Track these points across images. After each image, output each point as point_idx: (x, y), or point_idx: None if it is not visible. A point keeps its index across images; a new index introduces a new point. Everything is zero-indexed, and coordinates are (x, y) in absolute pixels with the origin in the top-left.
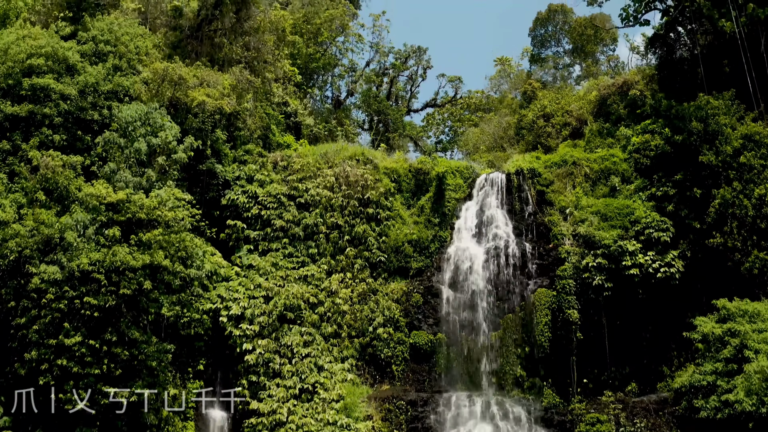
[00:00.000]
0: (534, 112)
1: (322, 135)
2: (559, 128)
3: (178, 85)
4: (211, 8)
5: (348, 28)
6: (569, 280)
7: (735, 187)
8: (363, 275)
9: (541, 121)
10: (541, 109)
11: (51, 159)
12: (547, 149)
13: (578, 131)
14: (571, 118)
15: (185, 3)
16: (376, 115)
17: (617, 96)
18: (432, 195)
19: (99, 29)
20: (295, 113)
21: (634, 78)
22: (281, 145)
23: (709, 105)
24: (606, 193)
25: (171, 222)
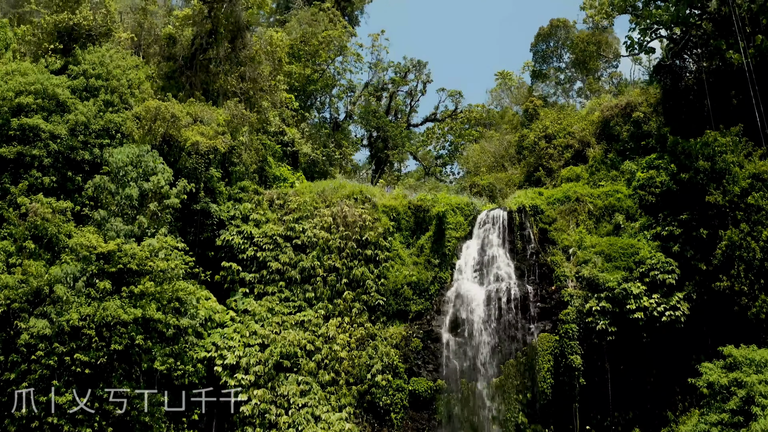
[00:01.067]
0: (535, 132)
1: (320, 160)
2: (561, 150)
3: (171, 124)
4: (206, 36)
5: (346, 49)
6: (572, 324)
7: (742, 229)
8: (361, 319)
9: (542, 143)
10: (542, 130)
11: (40, 205)
12: (549, 171)
13: (581, 153)
14: (574, 140)
15: (179, 32)
16: (375, 131)
17: (620, 118)
18: (432, 234)
19: (90, 62)
20: (292, 142)
21: (637, 99)
22: (278, 177)
23: (717, 142)
24: (610, 231)
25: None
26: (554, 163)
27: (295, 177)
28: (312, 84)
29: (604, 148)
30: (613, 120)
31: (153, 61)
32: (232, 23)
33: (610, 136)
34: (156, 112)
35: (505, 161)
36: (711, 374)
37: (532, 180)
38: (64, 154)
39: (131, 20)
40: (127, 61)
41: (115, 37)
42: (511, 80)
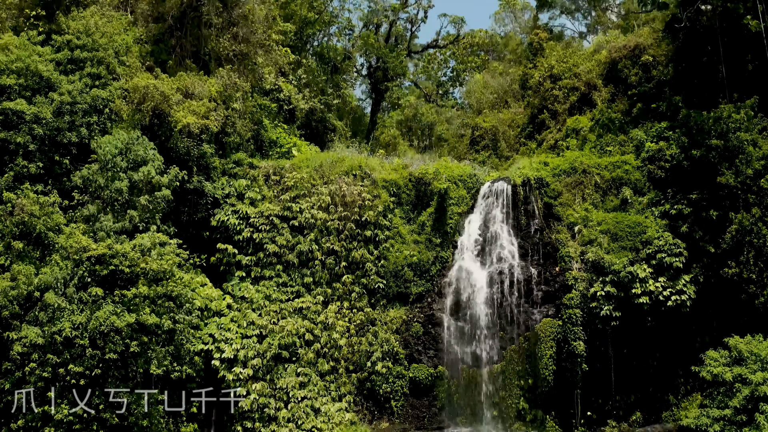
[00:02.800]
0: (540, 72)
1: (318, 108)
2: (566, 92)
3: (160, 102)
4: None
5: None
6: (576, 309)
7: (754, 214)
8: (361, 303)
9: (547, 83)
10: (547, 69)
11: (27, 201)
12: (554, 114)
13: (587, 97)
14: (580, 83)
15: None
16: (375, 61)
17: (628, 60)
18: (433, 211)
19: (75, 31)
20: (288, 99)
21: (647, 41)
22: (274, 142)
23: (731, 119)
24: (617, 205)
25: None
26: (559, 106)
27: (292, 141)
28: (309, 26)
29: (611, 91)
30: (621, 62)
31: (141, 20)
32: None
33: (617, 79)
34: (145, 92)
35: (508, 97)
36: (715, 366)
37: (536, 122)
38: (50, 137)
39: None
40: (114, 25)
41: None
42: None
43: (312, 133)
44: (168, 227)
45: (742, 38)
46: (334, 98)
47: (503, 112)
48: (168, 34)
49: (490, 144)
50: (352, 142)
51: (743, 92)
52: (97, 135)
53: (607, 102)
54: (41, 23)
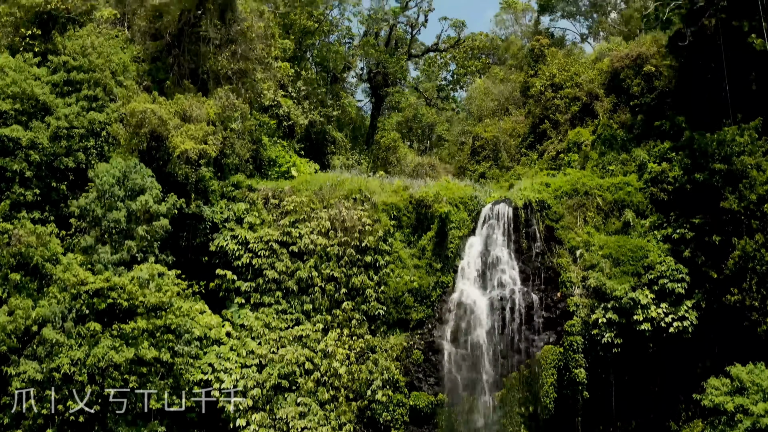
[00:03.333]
0: (542, 80)
1: (318, 121)
2: (568, 102)
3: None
4: (194, 9)
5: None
6: (577, 336)
7: (757, 240)
8: (361, 330)
9: (549, 92)
10: (549, 78)
11: (24, 232)
12: (555, 124)
13: (589, 107)
14: (581, 92)
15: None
16: (375, 65)
17: (631, 70)
18: (434, 235)
19: (71, 52)
20: (287, 115)
21: (649, 50)
22: (273, 161)
23: (735, 142)
24: (619, 228)
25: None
26: (561, 116)
27: (291, 161)
28: (309, 36)
29: (613, 102)
30: (623, 72)
31: (139, 37)
32: None
33: (619, 89)
34: (142, 117)
35: (509, 104)
36: (717, 395)
37: (538, 132)
38: (47, 163)
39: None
40: (111, 44)
41: (96, 16)
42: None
43: (312, 145)
44: (166, 256)
45: (746, 57)
46: (334, 109)
47: (504, 119)
48: (166, 51)
49: (491, 154)
50: (351, 153)
51: (747, 112)
52: (95, 159)
53: (609, 112)
54: (37, 42)
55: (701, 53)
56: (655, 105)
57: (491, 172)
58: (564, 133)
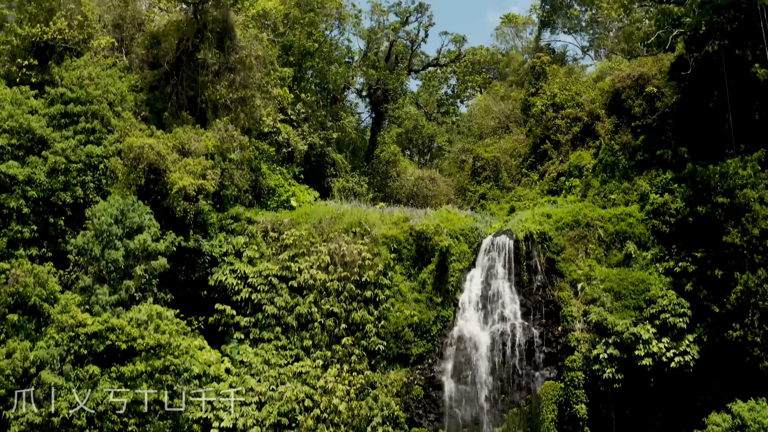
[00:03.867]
0: (542, 100)
1: (318, 144)
2: (569, 122)
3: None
4: (192, 38)
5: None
6: (578, 372)
7: (760, 275)
8: (361, 366)
9: (550, 112)
10: (550, 98)
11: (21, 271)
12: (556, 144)
13: (590, 128)
14: (583, 113)
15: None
16: (375, 82)
17: (632, 90)
18: (434, 268)
19: (68, 83)
20: (287, 142)
21: (650, 71)
22: (272, 190)
23: (737, 175)
24: (620, 260)
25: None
26: (562, 136)
27: (291, 191)
28: (309, 59)
29: (614, 122)
30: (624, 92)
31: (137, 64)
32: (219, 21)
33: (621, 109)
34: (140, 152)
35: (510, 122)
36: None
37: (539, 152)
38: (45, 198)
39: (112, 15)
40: (108, 74)
41: (93, 45)
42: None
43: (311, 167)
44: (165, 294)
45: (749, 86)
46: (334, 131)
47: (505, 138)
48: (164, 80)
49: (492, 175)
50: (351, 175)
51: (750, 142)
52: (92, 193)
53: (611, 133)
54: (34, 73)
55: (704, 80)
56: (657, 126)
57: (492, 193)
58: (565, 154)
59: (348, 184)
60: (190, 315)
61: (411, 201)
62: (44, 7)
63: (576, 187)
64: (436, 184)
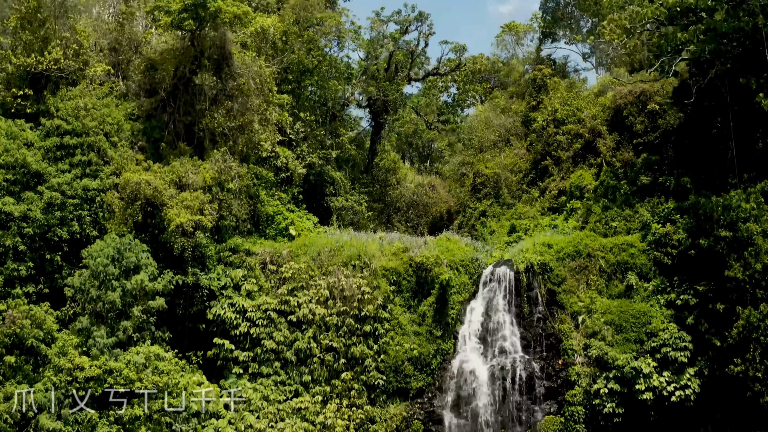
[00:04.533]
0: (543, 115)
1: (317, 164)
2: (570, 139)
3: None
4: (189, 64)
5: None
6: (579, 407)
7: (762, 310)
8: (360, 401)
9: (551, 128)
10: (551, 113)
11: (17, 313)
12: (557, 161)
13: (591, 144)
14: (584, 129)
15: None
16: (374, 93)
17: (634, 107)
18: (434, 300)
19: (64, 114)
20: (285, 166)
21: (653, 88)
22: (271, 217)
23: (741, 208)
24: (621, 291)
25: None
26: (563, 153)
27: (290, 219)
28: (308, 76)
29: (616, 139)
30: (626, 109)
31: (134, 89)
32: (217, 47)
33: (622, 126)
34: (137, 189)
35: (510, 135)
36: None
37: (539, 168)
38: (41, 234)
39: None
40: (104, 103)
41: (89, 74)
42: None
43: (310, 187)
44: (163, 332)
45: (753, 114)
46: (333, 149)
47: (506, 151)
48: (161, 108)
49: (492, 192)
50: (351, 194)
51: (754, 170)
52: (89, 227)
53: (612, 150)
54: (29, 103)
55: (707, 107)
56: (659, 143)
57: (492, 210)
58: (566, 171)
59: (347, 203)
60: (189, 349)
61: (411, 210)
62: (39, 36)
63: (577, 210)
64: (436, 191)
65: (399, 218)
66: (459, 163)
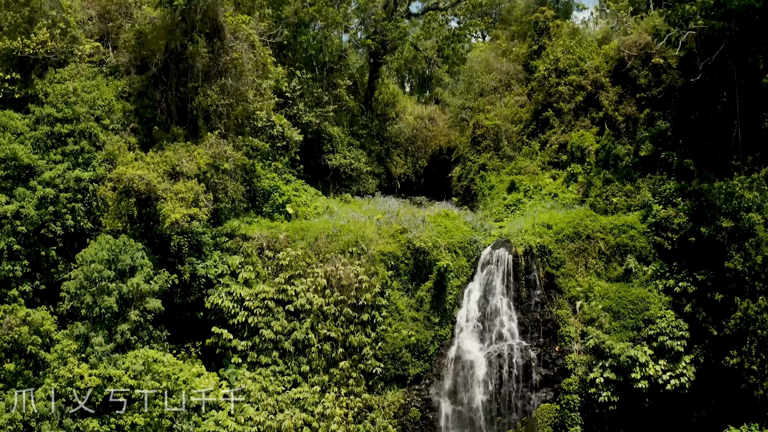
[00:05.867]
0: (545, 64)
1: (314, 123)
2: (572, 90)
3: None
4: (180, 37)
5: None
6: (574, 395)
7: (760, 303)
8: (359, 389)
9: (553, 77)
10: (553, 62)
11: (14, 320)
12: (558, 113)
13: (593, 97)
14: (587, 81)
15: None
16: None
17: (638, 60)
18: (432, 286)
19: (54, 100)
20: (282, 135)
21: None
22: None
23: (744, 199)
24: (620, 275)
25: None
26: (564, 105)
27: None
28: (303, 31)
29: (618, 92)
30: (630, 61)
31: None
32: (209, 19)
33: (626, 79)
34: (129, 185)
35: (511, 79)
36: None
37: (540, 119)
38: (35, 230)
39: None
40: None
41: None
42: None
43: (307, 144)
44: (161, 331)
45: (759, 94)
46: (331, 103)
47: (506, 96)
48: (152, 86)
49: (492, 144)
50: (349, 150)
51: (759, 150)
52: (83, 220)
53: (615, 104)
54: (17, 87)
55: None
56: (662, 99)
57: (492, 163)
58: (567, 124)
59: (345, 160)
60: (187, 337)
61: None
62: (24, 17)
63: (578, 176)
64: (436, 124)
65: (398, 153)
66: (459, 107)
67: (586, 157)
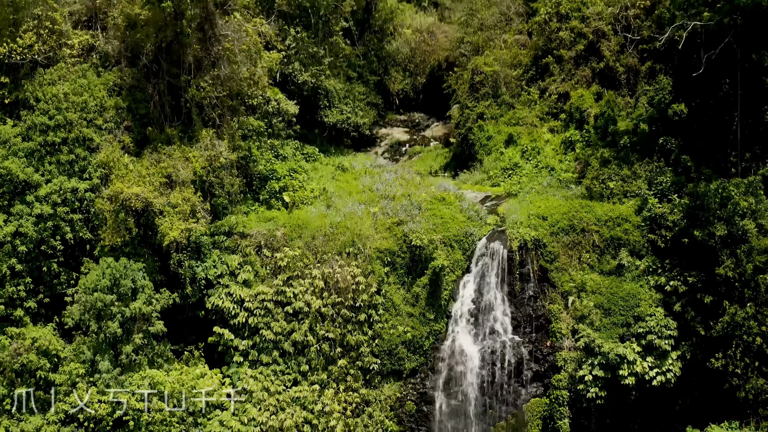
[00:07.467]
0: (547, 7)
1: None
2: (573, 38)
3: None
4: (171, 25)
5: None
6: (563, 391)
7: (747, 310)
8: (356, 385)
9: (554, 22)
10: (554, 6)
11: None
12: (559, 60)
13: (594, 46)
14: (588, 29)
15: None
16: None
17: (641, 10)
18: (428, 282)
19: (45, 107)
20: (277, 110)
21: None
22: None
23: (739, 206)
24: (613, 268)
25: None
26: (565, 52)
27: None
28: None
29: (620, 42)
30: (632, 9)
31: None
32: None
33: (628, 29)
34: (126, 204)
35: (512, 14)
36: None
37: (540, 65)
38: (35, 246)
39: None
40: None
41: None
42: None
43: (304, 101)
44: (164, 345)
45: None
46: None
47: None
48: (144, 79)
49: (491, 91)
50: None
51: (758, 144)
52: (82, 230)
53: (616, 54)
54: (6, 92)
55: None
56: (664, 51)
57: (490, 111)
58: (567, 72)
59: (342, 116)
60: (189, 335)
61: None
62: (8, 20)
63: (576, 143)
64: (435, 38)
65: (396, 70)
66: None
67: (585, 120)
